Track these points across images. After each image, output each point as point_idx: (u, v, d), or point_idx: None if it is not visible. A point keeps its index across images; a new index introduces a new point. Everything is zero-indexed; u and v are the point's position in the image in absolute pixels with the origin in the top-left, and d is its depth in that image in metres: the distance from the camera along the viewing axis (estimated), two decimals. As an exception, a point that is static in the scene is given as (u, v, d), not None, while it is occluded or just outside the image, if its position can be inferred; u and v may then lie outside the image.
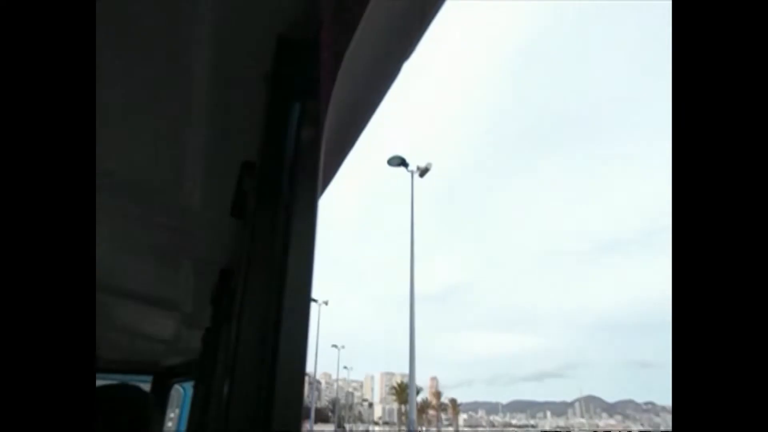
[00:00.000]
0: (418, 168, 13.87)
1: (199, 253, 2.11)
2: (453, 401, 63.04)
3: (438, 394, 59.66)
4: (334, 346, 38.96)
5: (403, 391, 54.96)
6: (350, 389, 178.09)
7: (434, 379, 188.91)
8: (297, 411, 0.74)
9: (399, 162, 13.63)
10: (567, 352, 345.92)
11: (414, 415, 9.49)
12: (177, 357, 3.72)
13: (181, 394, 4.07)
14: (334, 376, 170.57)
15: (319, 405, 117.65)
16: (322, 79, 0.88)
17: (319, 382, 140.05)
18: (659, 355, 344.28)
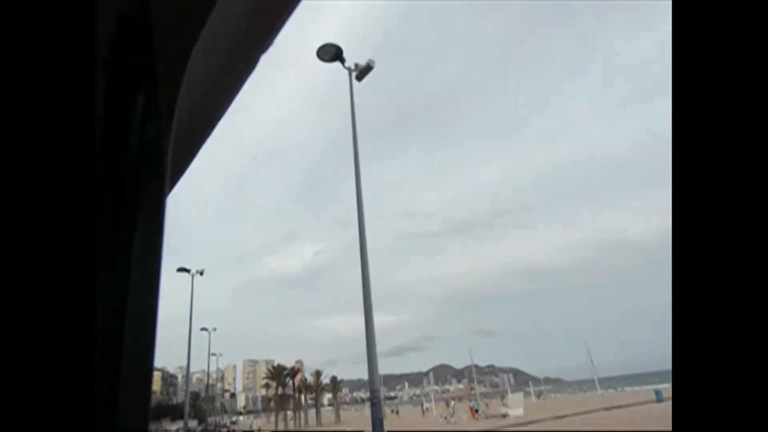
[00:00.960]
0: (357, 66, 9.60)
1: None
2: (334, 379, 64.12)
3: (318, 374, 61.09)
4: (204, 329, 36.20)
5: (279, 375, 54.66)
6: (210, 381, 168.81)
7: (299, 361, 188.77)
8: (145, 410, 0.72)
9: (334, 54, 9.26)
10: (422, 327, 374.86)
11: (378, 384, 8.75)
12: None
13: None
14: (192, 369, 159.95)
15: (176, 401, 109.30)
16: (172, 67, 0.83)
17: (174, 377, 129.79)
18: (498, 324, 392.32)
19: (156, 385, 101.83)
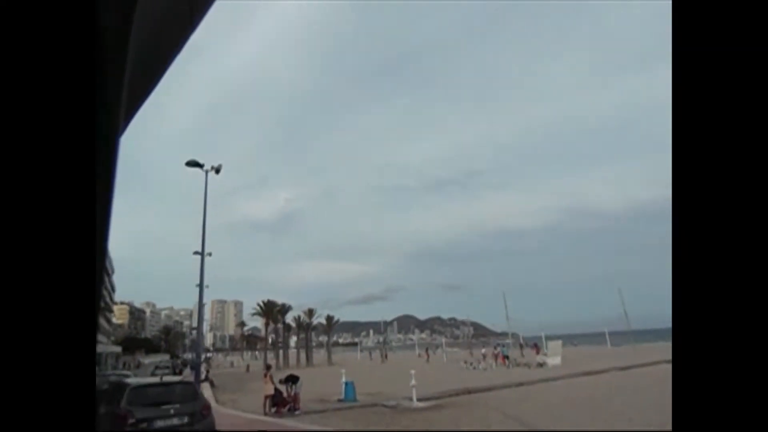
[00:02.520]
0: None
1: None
2: (329, 319, 56.13)
3: (311, 312, 52.47)
4: (197, 253, 32.75)
5: (271, 311, 48.80)
6: (178, 318, 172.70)
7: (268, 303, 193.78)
8: (90, 358, 0.68)
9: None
10: (390, 277, 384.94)
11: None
12: None
13: None
14: (158, 305, 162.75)
15: (145, 335, 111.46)
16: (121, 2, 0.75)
17: (143, 311, 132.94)
18: (463, 280, 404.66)
19: (123, 318, 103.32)
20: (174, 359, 49.85)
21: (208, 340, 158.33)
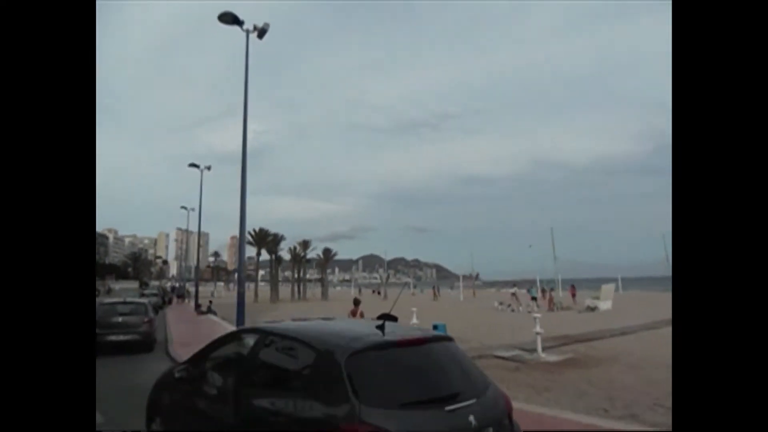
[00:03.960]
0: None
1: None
2: (327, 251, 51.86)
3: (306, 244, 47.68)
4: (183, 207, 33.45)
5: (263, 239, 44.51)
6: (142, 246, 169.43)
7: (234, 237, 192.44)
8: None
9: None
10: (358, 217, 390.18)
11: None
12: None
13: None
14: (121, 232, 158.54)
15: (109, 261, 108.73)
16: None
17: (105, 237, 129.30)
18: (429, 223, 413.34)
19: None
20: (143, 287, 48.83)
21: (173, 269, 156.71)
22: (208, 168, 27.48)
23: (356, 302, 9.49)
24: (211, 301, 24.55)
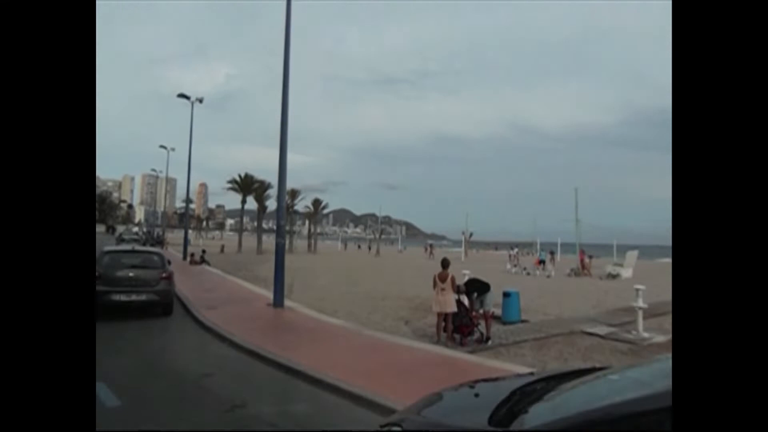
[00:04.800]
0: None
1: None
2: (317, 202, 49.81)
3: (294, 193, 43.91)
4: (163, 147, 32.12)
5: (249, 186, 40.99)
6: (106, 188, 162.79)
7: (203, 185, 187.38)
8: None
9: None
10: (331, 171, 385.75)
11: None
12: None
13: None
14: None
15: None
16: None
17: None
18: (401, 180, 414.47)
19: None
20: (110, 231, 46.74)
21: (139, 214, 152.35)
22: (200, 100, 25.72)
23: (445, 264, 7.73)
24: (204, 251, 23.23)
